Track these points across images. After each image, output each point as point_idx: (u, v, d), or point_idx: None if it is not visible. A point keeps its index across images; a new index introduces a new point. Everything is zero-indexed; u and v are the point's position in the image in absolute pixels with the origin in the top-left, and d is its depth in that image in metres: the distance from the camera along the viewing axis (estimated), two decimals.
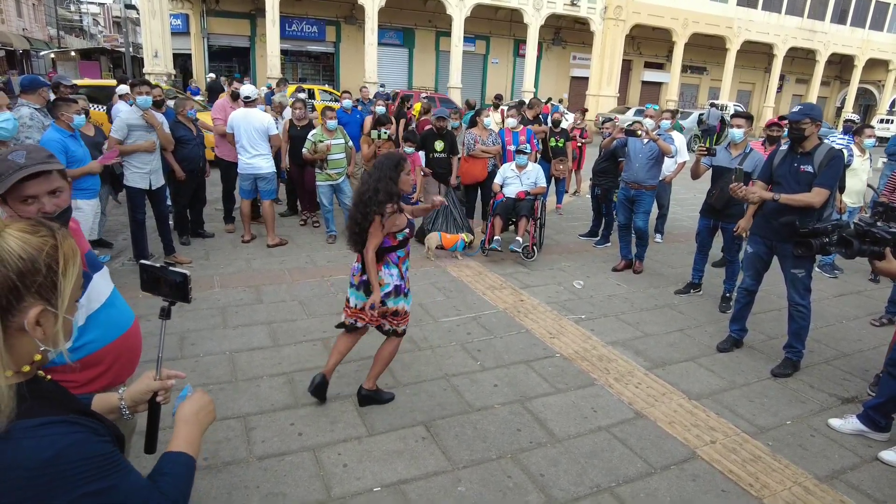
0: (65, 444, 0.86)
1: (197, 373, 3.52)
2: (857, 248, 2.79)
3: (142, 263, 1.45)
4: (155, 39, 19.13)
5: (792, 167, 3.84)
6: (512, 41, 27.52)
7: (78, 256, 0.97)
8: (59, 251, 0.93)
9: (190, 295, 1.41)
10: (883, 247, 2.71)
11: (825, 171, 3.70)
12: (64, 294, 0.93)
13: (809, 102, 4.19)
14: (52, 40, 34.51)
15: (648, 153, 5.66)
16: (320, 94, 16.81)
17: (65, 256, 0.94)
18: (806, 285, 3.92)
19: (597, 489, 2.73)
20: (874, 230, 2.74)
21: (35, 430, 0.86)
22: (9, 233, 0.90)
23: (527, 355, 4.05)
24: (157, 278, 1.41)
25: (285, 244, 6.24)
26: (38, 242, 0.92)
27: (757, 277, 4.20)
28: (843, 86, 35.87)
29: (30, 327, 0.90)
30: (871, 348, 4.53)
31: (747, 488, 2.78)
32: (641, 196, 5.79)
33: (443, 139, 6.73)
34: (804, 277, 3.90)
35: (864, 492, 2.82)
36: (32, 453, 0.83)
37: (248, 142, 5.90)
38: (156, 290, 1.42)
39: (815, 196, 3.70)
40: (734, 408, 3.52)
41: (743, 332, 4.39)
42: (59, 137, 4.30)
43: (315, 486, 2.63)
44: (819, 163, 3.72)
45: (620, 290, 5.49)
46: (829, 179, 3.69)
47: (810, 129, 3.74)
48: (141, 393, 1.33)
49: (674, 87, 28.11)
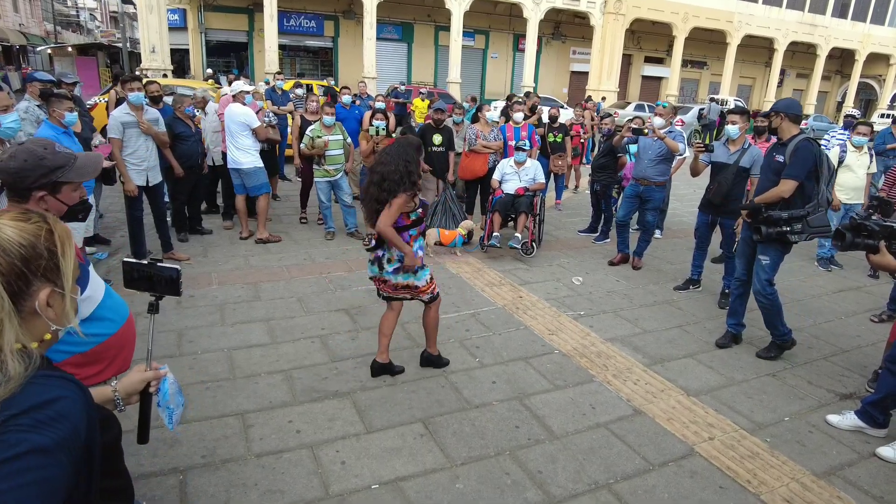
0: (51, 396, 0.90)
1: (195, 370, 3.52)
2: (851, 240, 2.78)
3: (127, 262, 1.47)
4: (152, 34, 19.07)
5: (770, 156, 4.03)
6: (511, 36, 27.43)
7: (72, 238, 1.01)
8: (54, 234, 0.97)
9: (181, 289, 1.46)
10: (877, 240, 2.71)
11: (791, 160, 3.83)
12: (67, 274, 0.98)
13: (789, 98, 4.34)
14: (49, 35, 34.37)
15: (657, 150, 5.65)
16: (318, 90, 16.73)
17: (60, 238, 0.98)
18: (767, 275, 4.00)
19: (595, 486, 2.73)
20: (868, 223, 2.74)
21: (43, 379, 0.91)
22: (3, 223, 0.92)
23: (525, 352, 4.04)
24: (147, 275, 1.43)
25: (278, 241, 6.22)
26: (34, 229, 0.95)
27: (746, 266, 4.26)
28: (843, 80, 35.77)
29: (41, 309, 0.94)
30: (870, 344, 4.53)
31: (745, 484, 2.79)
32: (651, 193, 5.77)
33: (441, 133, 6.70)
34: (767, 265, 3.99)
35: (862, 488, 2.82)
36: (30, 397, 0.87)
37: (230, 136, 5.90)
38: (143, 287, 1.45)
39: (782, 186, 3.86)
40: (732, 404, 3.52)
41: (740, 327, 4.39)
42: (51, 134, 4.27)
43: (313, 483, 2.63)
44: (788, 153, 3.84)
45: (619, 287, 5.49)
46: (793, 169, 3.82)
47: (776, 122, 3.98)
48: (134, 384, 1.38)
49: (674, 81, 28.05)
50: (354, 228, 6.55)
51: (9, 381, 0.85)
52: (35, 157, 1.73)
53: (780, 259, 4.01)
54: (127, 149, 5.01)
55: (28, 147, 1.76)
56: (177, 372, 3.40)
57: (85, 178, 1.87)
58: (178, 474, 2.62)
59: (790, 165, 3.81)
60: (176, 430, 2.86)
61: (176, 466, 2.65)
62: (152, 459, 2.70)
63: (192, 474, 2.62)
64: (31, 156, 1.73)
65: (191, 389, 3.30)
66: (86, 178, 1.88)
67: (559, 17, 26.87)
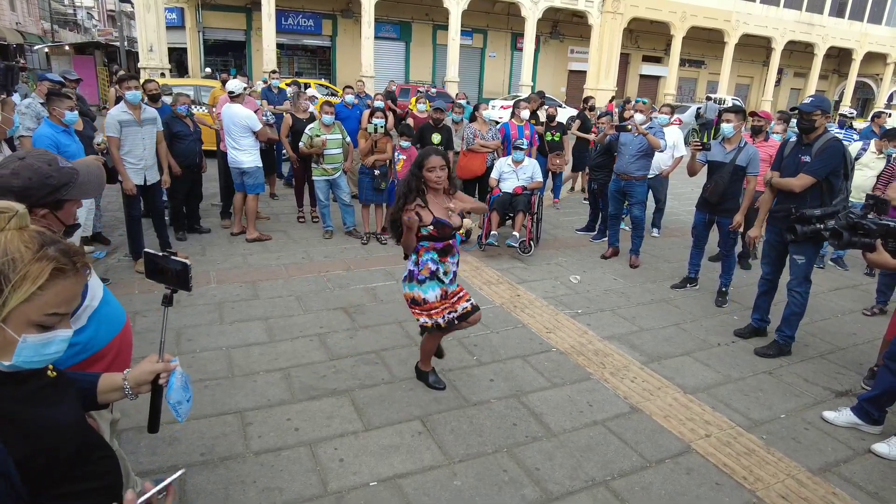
0: None
1: (194, 368, 3.53)
2: (848, 239, 2.80)
3: (146, 252, 1.53)
4: (150, 33, 19.03)
5: (795, 157, 3.99)
6: (509, 35, 27.42)
7: (40, 281, 1.00)
8: (19, 263, 0.98)
9: (191, 283, 1.49)
10: (874, 238, 2.73)
11: (817, 158, 3.83)
12: (7, 305, 0.98)
13: (820, 95, 4.29)
14: (46, 34, 34.24)
15: (638, 145, 5.75)
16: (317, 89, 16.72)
17: (25, 272, 0.98)
18: (805, 272, 4.03)
19: (592, 483, 2.75)
20: (864, 222, 2.76)
21: None
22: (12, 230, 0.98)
23: (523, 350, 4.06)
24: (160, 268, 1.45)
25: (268, 239, 6.22)
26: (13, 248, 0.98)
27: (772, 265, 4.30)
28: (841, 79, 35.85)
29: None
30: (866, 342, 4.56)
31: (741, 481, 2.80)
32: (632, 187, 5.89)
33: (440, 132, 6.71)
34: (804, 265, 3.99)
35: (857, 484, 2.84)
36: None
37: (230, 136, 5.91)
38: (159, 278, 1.50)
39: (796, 180, 3.87)
40: (729, 402, 3.54)
41: (763, 322, 4.45)
42: (50, 133, 4.30)
43: (311, 480, 2.64)
44: (814, 152, 3.83)
45: (617, 285, 5.51)
46: (815, 166, 3.82)
47: (820, 121, 3.88)
48: (145, 374, 1.41)
49: (672, 80, 28.07)
50: (353, 227, 6.56)
51: None
52: (40, 176, 1.66)
53: (816, 256, 4.06)
54: (124, 147, 5.02)
55: (31, 163, 1.67)
56: None
57: (89, 195, 1.82)
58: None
59: (815, 162, 3.82)
60: (174, 428, 2.88)
61: (175, 464, 2.66)
62: (151, 458, 2.71)
63: (191, 472, 2.63)
64: (35, 174, 1.65)
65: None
66: (90, 196, 1.84)
67: (557, 16, 26.87)
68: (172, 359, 1.46)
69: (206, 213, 6.88)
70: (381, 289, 5.04)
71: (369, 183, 6.19)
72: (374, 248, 6.23)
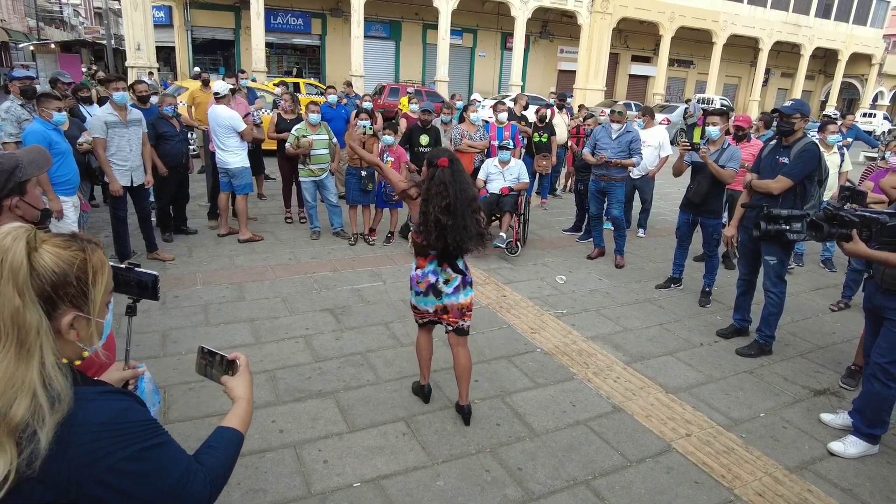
0: (120, 407, 1.00)
1: (179, 371, 3.53)
2: (827, 231, 2.86)
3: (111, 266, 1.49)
4: (137, 32, 18.85)
5: (773, 159, 4.06)
6: (499, 34, 27.48)
7: (106, 267, 1.08)
8: (87, 264, 1.04)
9: (159, 294, 1.50)
10: (850, 229, 2.79)
11: (794, 161, 3.91)
12: (94, 301, 1.05)
13: (800, 99, 4.37)
14: (32, 32, 33.79)
15: (617, 147, 5.82)
16: (305, 88, 16.66)
17: (94, 268, 1.05)
18: (777, 273, 4.10)
19: (573, 482, 2.78)
20: (841, 213, 2.82)
21: (97, 395, 1.00)
22: (44, 249, 1.00)
23: (508, 350, 4.09)
24: (124, 280, 1.45)
25: (260, 240, 6.22)
26: (69, 256, 1.02)
27: (747, 266, 4.38)
28: (827, 80, 36.28)
29: (64, 331, 1.01)
30: (844, 341, 4.64)
31: (719, 479, 2.85)
32: (612, 187, 5.98)
33: (428, 133, 6.73)
34: (776, 265, 4.07)
35: (831, 481, 2.91)
36: (96, 415, 0.96)
37: (216, 137, 5.91)
38: (121, 290, 1.48)
39: (774, 182, 3.95)
40: (710, 401, 3.60)
41: (745, 322, 4.53)
42: (42, 130, 4.33)
43: (295, 482, 2.66)
44: (793, 154, 3.91)
45: (602, 285, 5.56)
46: (793, 169, 3.90)
47: (799, 125, 3.97)
48: (114, 382, 1.42)
49: (661, 80, 28.27)
50: (340, 228, 6.56)
51: (60, 400, 0.92)
52: None
53: (787, 257, 4.13)
54: (110, 149, 5.00)
55: None
56: (160, 373, 3.42)
57: (42, 170, 1.89)
58: None
59: (792, 165, 3.90)
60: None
61: None
62: None
63: None
64: None
65: (174, 390, 3.31)
66: (43, 170, 1.92)
67: (547, 16, 26.97)
68: (139, 364, 1.50)
69: (193, 214, 6.85)
70: (368, 290, 5.06)
71: (356, 184, 6.19)
72: (362, 249, 6.24)
